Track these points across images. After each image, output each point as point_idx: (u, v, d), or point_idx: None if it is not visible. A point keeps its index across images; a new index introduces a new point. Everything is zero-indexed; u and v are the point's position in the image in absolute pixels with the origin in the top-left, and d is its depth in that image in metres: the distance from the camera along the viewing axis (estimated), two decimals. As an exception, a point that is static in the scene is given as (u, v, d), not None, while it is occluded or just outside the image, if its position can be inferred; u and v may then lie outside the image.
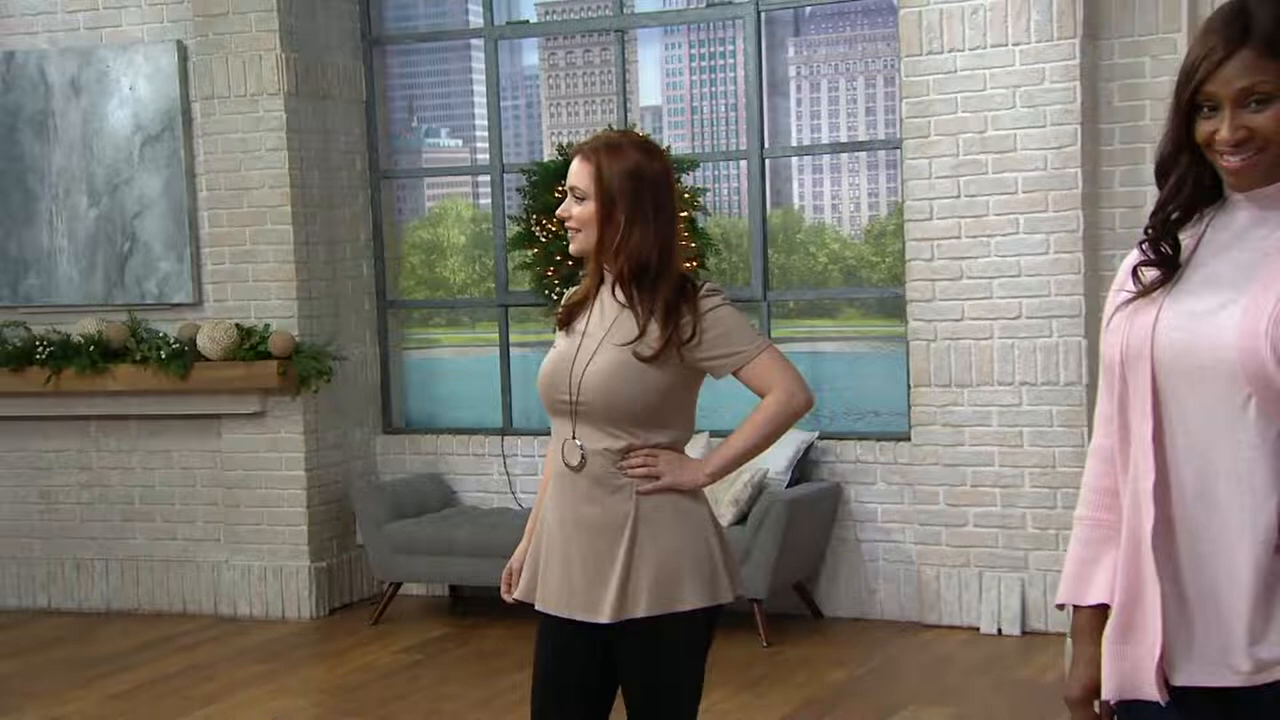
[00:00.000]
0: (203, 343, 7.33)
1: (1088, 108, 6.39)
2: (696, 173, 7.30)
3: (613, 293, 3.29)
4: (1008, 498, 6.61)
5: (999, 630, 6.65)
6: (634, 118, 7.62)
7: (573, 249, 3.33)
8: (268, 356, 7.28)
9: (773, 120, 7.40)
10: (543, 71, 8.14)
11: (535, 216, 7.04)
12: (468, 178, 8.34)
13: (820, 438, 7.07)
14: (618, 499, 3.24)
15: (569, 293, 3.46)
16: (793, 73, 7.55)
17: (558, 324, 3.40)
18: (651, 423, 3.25)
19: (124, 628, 7.48)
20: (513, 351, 7.78)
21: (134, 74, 7.59)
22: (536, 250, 7.08)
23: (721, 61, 7.69)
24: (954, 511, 6.72)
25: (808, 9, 7.48)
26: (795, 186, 7.66)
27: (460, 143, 8.44)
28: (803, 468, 6.99)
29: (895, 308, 7.09)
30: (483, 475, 7.76)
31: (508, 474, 7.64)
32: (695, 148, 7.67)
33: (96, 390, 7.55)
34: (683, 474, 3.26)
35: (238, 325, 7.36)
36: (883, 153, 7.29)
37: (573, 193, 3.28)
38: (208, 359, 7.34)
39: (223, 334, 7.31)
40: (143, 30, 7.64)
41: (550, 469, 3.39)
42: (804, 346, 7.53)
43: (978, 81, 6.51)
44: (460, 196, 8.41)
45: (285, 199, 7.38)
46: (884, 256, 7.34)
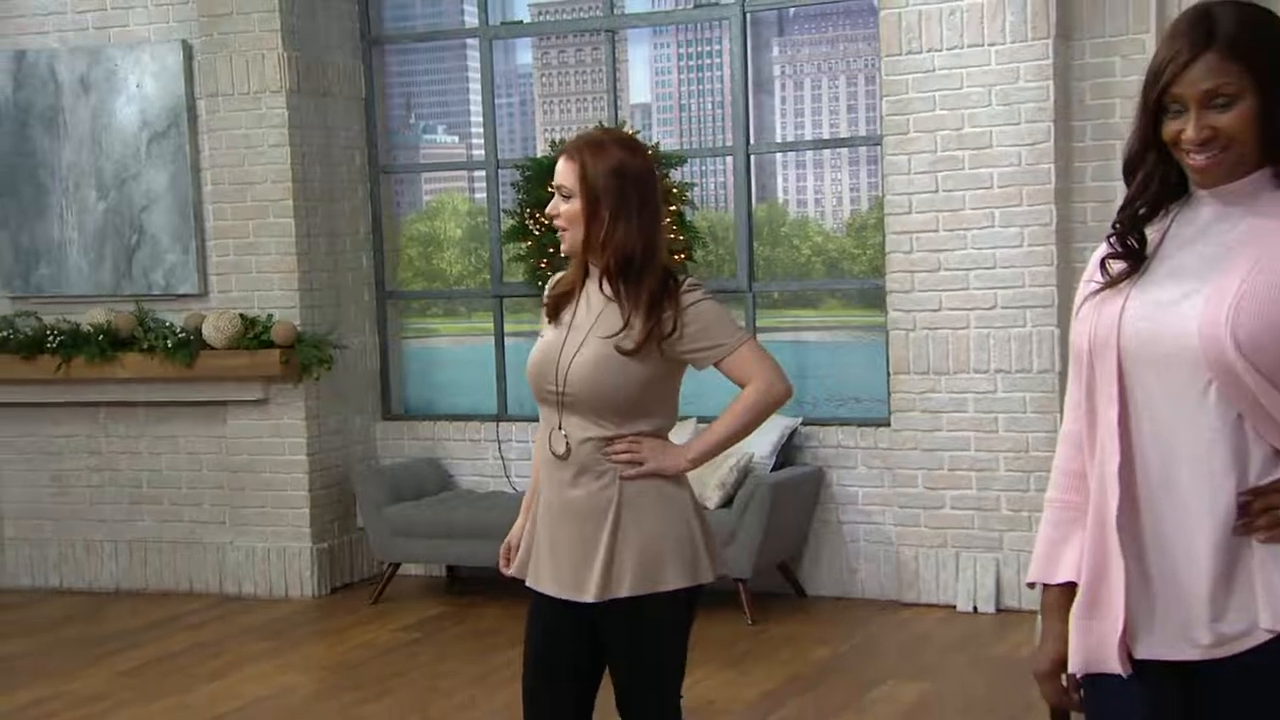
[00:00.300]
0: (208, 332, 7.33)
1: (1060, 106, 6.40)
2: (684, 168, 7.31)
3: (599, 286, 3.28)
4: (983, 481, 6.63)
5: (975, 608, 6.67)
6: (624, 115, 7.62)
7: (563, 248, 3.33)
8: (271, 345, 7.28)
9: (758, 117, 7.40)
10: (536, 70, 8.14)
11: (529, 210, 7.04)
12: (464, 173, 8.33)
13: (803, 423, 7.08)
14: (602, 485, 3.25)
15: (553, 280, 3.45)
16: (777, 72, 7.55)
17: (545, 314, 3.40)
18: (635, 412, 3.25)
19: (132, 607, 7.49)
20: (507, 341, 7.78)
21: (141, 72, 7.58)
22: (530, 243, 7.09)
23: (708, 61, 7.69)
24: (932, 494, 6.74)
25: (791, 10, 7.48)
26: (779, 181, 7.67)
27: (456, 139, 8.43)
28: (787, 452, 7.00)
29: (876, 298, 7.10)
30: (478, 460, 7.76)
31: (503, 458, 7.65)
32: (683, 144, 7.67)
33: (105, 378, 7.54)
34: (665, 460, 3.27)
35: (242, 315, 7.37)
36: (864, 149, 7.30)
37: (559, 191, 3.28)
38: (213, 348, 7.34)
39: (227, 324, 7.31)
40: (149, 30, 7.63)
41: (539, 450, 3.40)
42: (788, 336, 7.55)
43: (955, 80, 6.51)
44: (456, 191, 8.40)
45: (287, 193, 7.38)
46: (865, 249, 7.35)
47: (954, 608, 6.70)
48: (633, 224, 3.22)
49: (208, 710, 5.68)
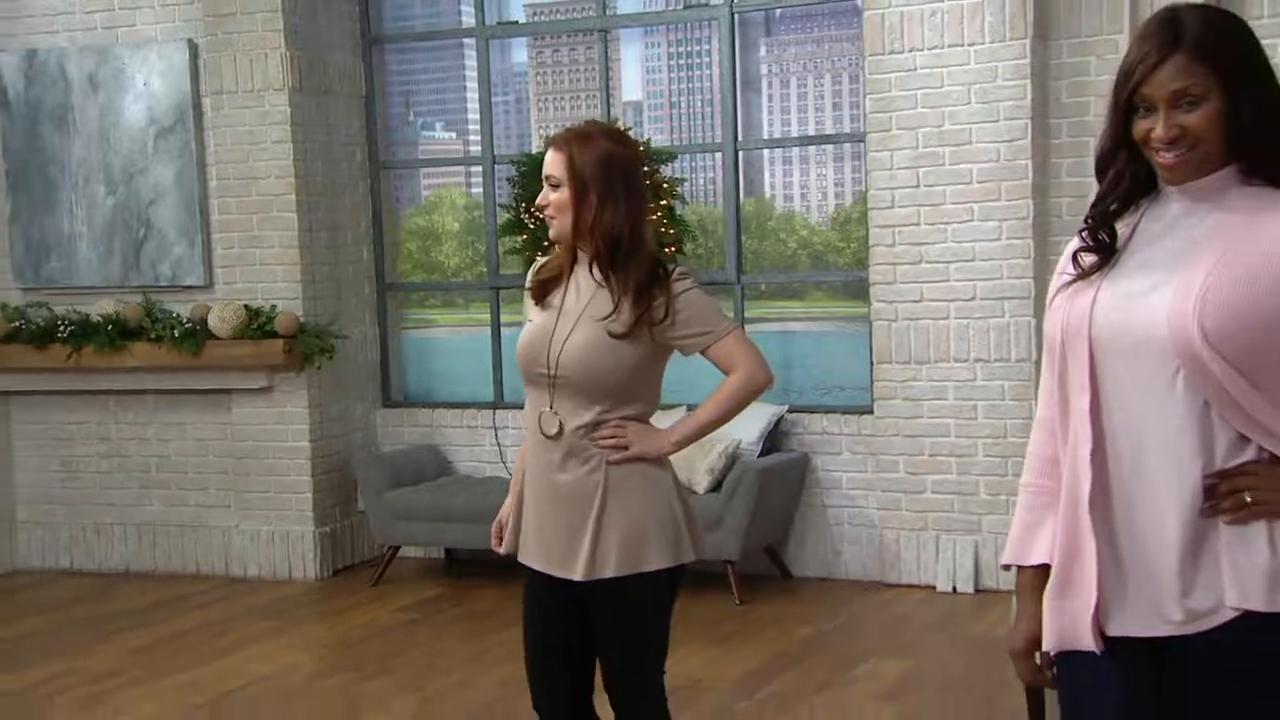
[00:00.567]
0: (213, 322, 7.33)
1: (1037, 104, 6.41)
2: (674, 164, 7.30)
3: (589, 271, 3.28)
4: (963, 466, 6.65)
5: (954, 589, 6.69)
6: (616, 112, 7.62)
7: (552, 235, 3.33)
8: (274, 335, 7.29)
9: (746, 115, 7.40)
10: (531, 69, 8.13)
11: (524, 205, 7.03)
12: (461, 168, 8.32)
13: (790, 411, 7.09)
14: (589, 469, 3.26)
15: (536, 266, 3.45)
16: (764, 70, 7.55)
17: (531, 297, 3.39)
18: (623, 395, 3.26)
19: (141, 587, 7.49)
20: (503, 331, 7.78)
21: (148, 70, 7.57)
22: (525, 236, 7.08)
23: (698, 60, 7.69)
24: (913, 479, 6.75)
25: (778, 11, 7.49)
26: (767, 177, 7.67)
27: (454, 135, 8.43)
28: (773, 439, 7.02)
29: (859, 290, 7.11)
30: (476, 446, 7.77)
31: (499, 445, 7.66)
32: (673, 140, 7.67)
33: (114, 366, 7.54)
34: (649, 443, 3.28)
35: (246, 306, 7.37)
36: (848, 145, 7.31)
37: (548, 181, 3.28)
38: (218, 337, 7.34)
39: (232, 314, 7.31)
40: (156, 29, 7.62)
41: (528, 432, 3.40)
42: (774, 326, 7.56)
43: (936, 79, 6.52)
44: (454, 186, 8.40)
45: (290, 188, 7.37)
46: (849, 242, 7.36)
47: (934, 588, 6.72)
48: (620, 210, 3.22)
49: (214, 687, 5.69)
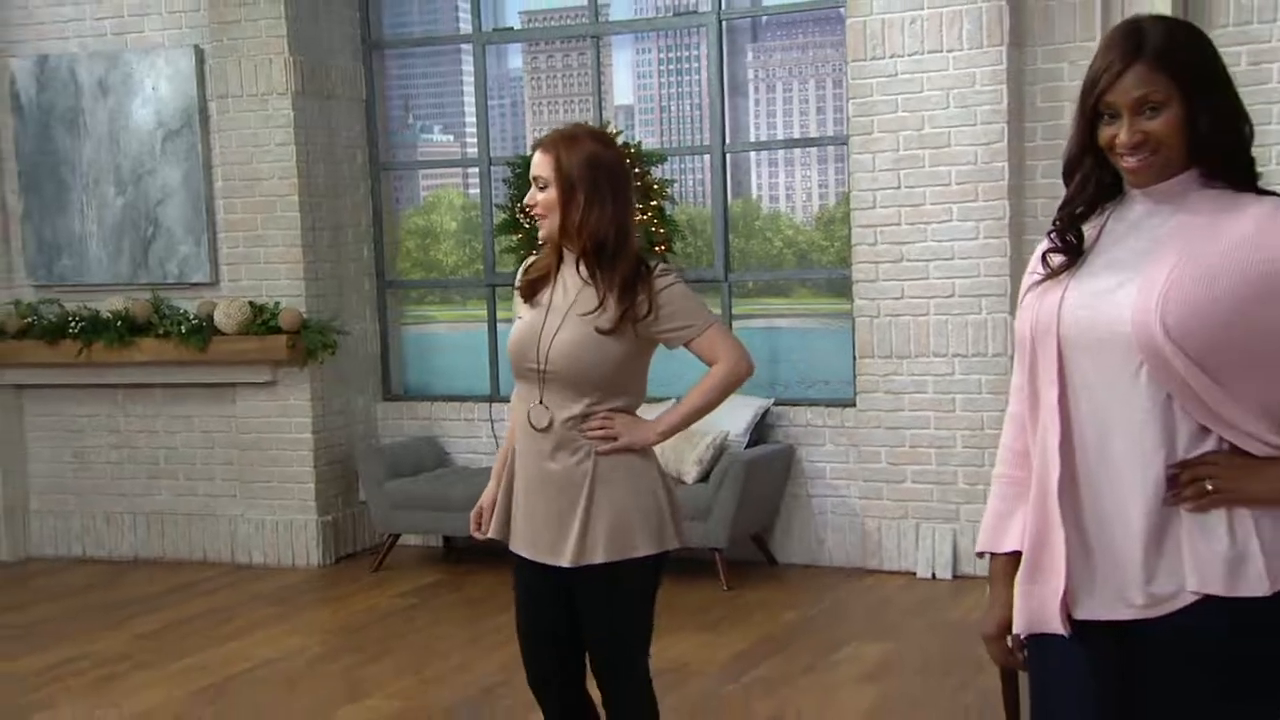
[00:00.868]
0: (219, 318, 7.34)
1: (1013, 109, 6.43)
2: (664, 166, 7.32)
3: (576, 269, 3.28)
4: (942, 457, 6.67)
5: (933, 575, 6.71)
6: (608, 116, 7.63)
7: (541, 235, 3.33)
8: (278, 331, 7.30)
9: (733, 118, 7.41)
10: (526, 73, 8.14)
11: (520, 205, 7.04)
12: (458, 170, 8.32)
13: (775, 404, 7.11)
14: (578, 459, 3.27)
15: (525, 265, 3.45)
16: (751, 75, 7.57)
17: (521, 296, 3.40)
18: (610, 388, 3.28)
19: (150, 575, 7.50)
20: (499, 327, 7.77)
21: (156, 75, 7.57)
22: (520, 235, 7.09)
23: (687, 65, 7.70)
24: (894, 470, 6.78)
25: (764, 18, 7.51)
26: (754, 178, 7.68)
27: (452, 138, 8.43)
28: (759, 431, 7.03)
29: (842, 287, 7.13)
30: (473, 438, 7.78)
31: (495, 437, 7.67)
32: (663, 143, 7.68)
33: (124, 361, 7.55)
34: (636, 434, 3.29)
35: (251, 303, 7.38)
36: (831, 148, 7.32)
37: (536, 182, 3.28)
38: (224, 333, 7.35)
39: (237, 310, 7.32)
40: (163, 35, 7.62)
41: (514, 425, 3.41)
42: (761, 323, 7.58)
43: (916, 84, 6.54)
44: (452, 187, 8.40)
45: (293, 189, 7.38)
46: (832, 241, 7.38)
47: (914, 574, 6.74)
48: (606, 211, 3.22)
49: (221, 670, 5.70)
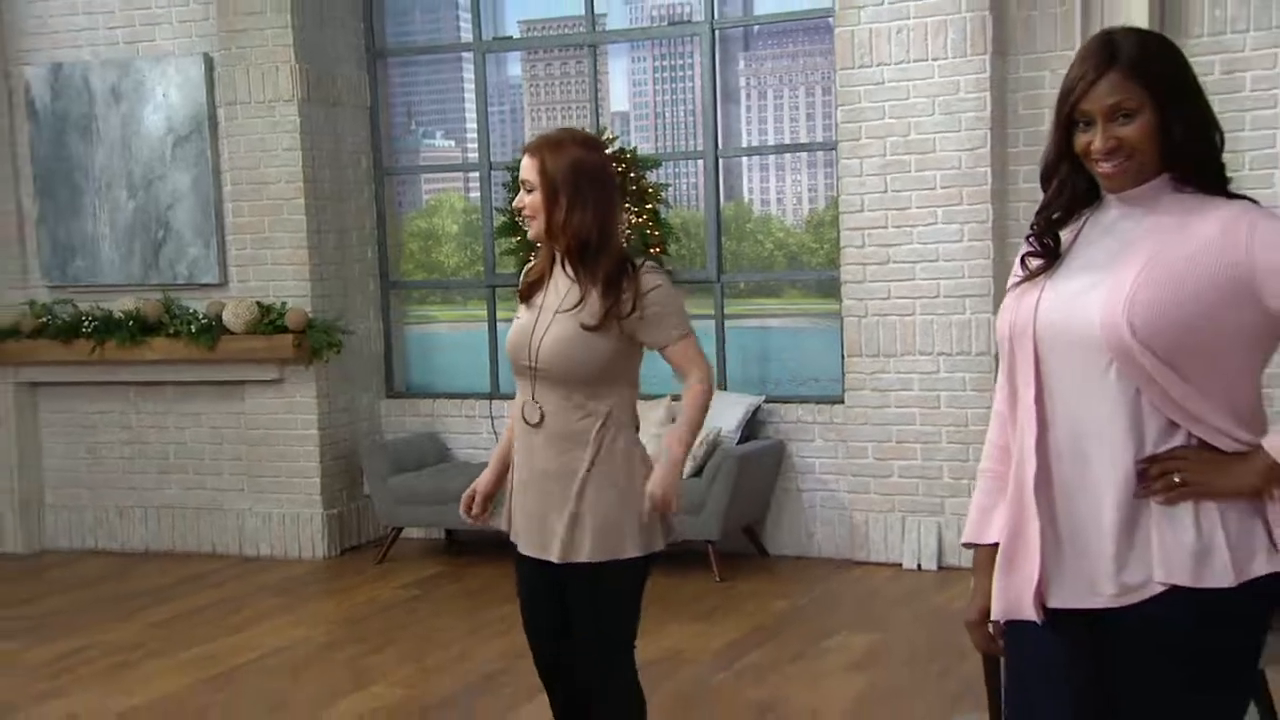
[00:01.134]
0: (228, 318, 7.34)
1: (996, 116, 6.44)
2: (659, 170, 7.32)
3: (564, 269, 3.30)
4: (927, 452, 6.68)
5: (919, 566, 6.72)
6: (605, 122, 7.64)
7: (530, 235, 3.34)
8: (285, 330, 7.30)
9: (725, 124, 7.42)
10: (525, 81, 8.14)
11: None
12: (459, 174, 8.32)
13: (766, 401, 7.12)
14: (570, 456, 3.27)
15: (526, 269, 3.46)
16: (743, 83, 7.57)
17: (519, 298, 3.41)
18: (601, 384, 3.26)
19: (161, 566, 7.50)
20: (499, 326, 7.77)
21: (166, 83, 7.58)
22: (519, 238, 7.11)
23: (681, 73, 7.71)
24: (881, 464, 6.78)
25: (756, 28, 7.51)
26: (745, 182, 7.68)
27: (453, 143, 8.43)
28: (751, 427, 7.04)
29: (831, 288, 7.14)
30: (473, 434, 7.79)
31: (495, 433, 7.67)
32: (658, 148, 7.68)
33: (135, 359, 7.55)
34: (669, 484, 3.23)
35: (258, 303, 7.38)
36: (821, 153, 7.31)
37: (523, 185, 3.28)
38: (232, 332, 7.35)
39: (245, 310, 7.32)
40: (174, 44, 7.62)
41: (514, 420, 3.42)
42: (752, 322, 7.58)
43: (902, 92, 6.55)
44: (453, 191, 8.40)
45: (299, 193, 7.39)
46: (822, 244, 7.38)
47: (900, 566, 6.75)
48: (588, 212, 3.22)
49: (229, 659, 5.70)
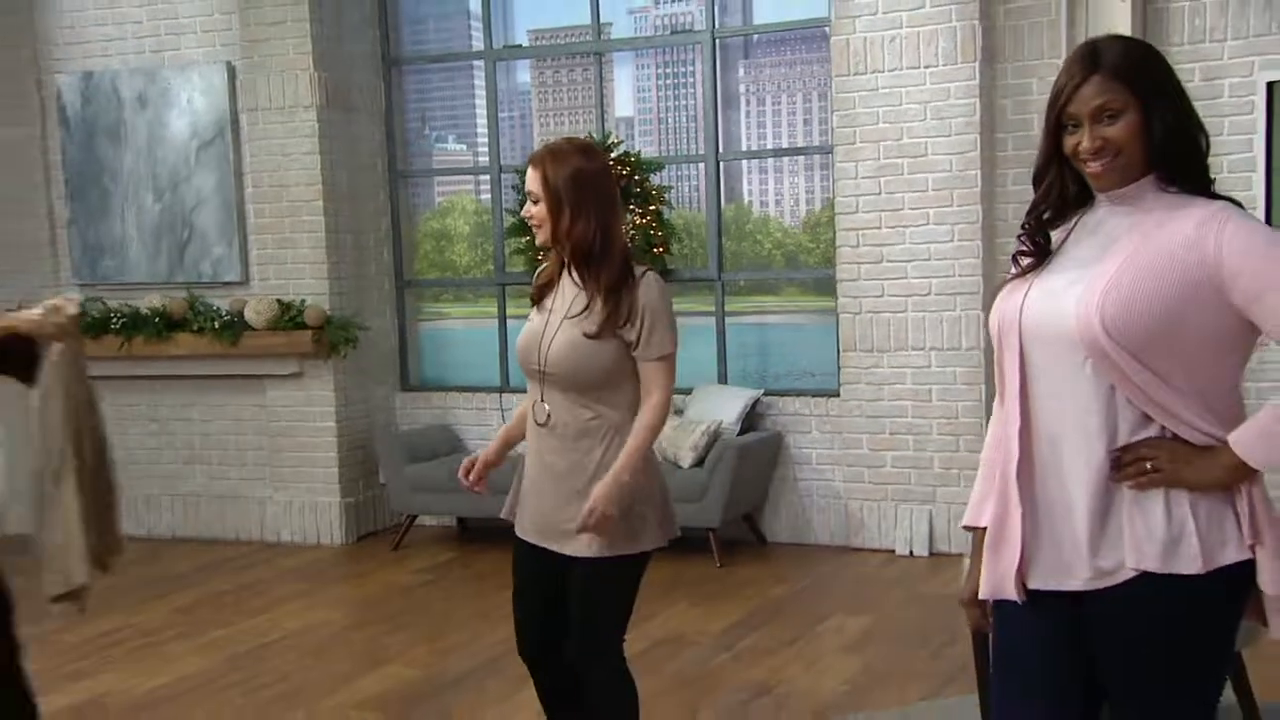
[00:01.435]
0: (250, 315, 7.36)
1: (986, 120, 6.46)
2: (662, 173, 7.34)
3: (570, 275, 3.28)
4: (919, 443, 6.70)
5: (911, 552, 6.74)
6: (610, 127, 7.65)
7: (538, 241, 3.33)
8: (304, 327, 7.32)
9: (726, 129, 7.43)
10: (534, 87, 8.15)
11: (528, 210, 7.06)
12: (471, 177, 8.33)
13: (765, 394, 7.13)
14: (578, 456, 3.26)
15: (537, 273, 3.45)
16: (743, 89, 7.58)
17: (531, 300, 3.40)
18: (607, 388, 3.24)
19: (186, 552, 7.52)
20: (509, 323, 7.79)
21: (191, 90, 7.60)
22: (528, 238, 7.12)
23: (683, 80, 7.72)
24: (874, 455, 6.80)
25: (755, 37, 7.52)
26: (745, 184, 7.69)
27: (465, 147, 8.44)
28: (750, 419, 7.05)
29: (827, 286, 7.14)
30: (484, 426, 7.80)
31: (505, 425, 7.66)
32: (661, 152, 7.69)
33: (161, 354, 7.57)
34: (611, 501, 3.17)
35: (279, 300, 7.40)
36: (817, 157, 7.32)
37: (529, 196, 3.27)
38: (254, 329, 7.37)
39: (266, 308, 7.34)
40: (198, 53, 7.64)
41: (524, 411, 3.43)
42: (752, 319, 7.58)
43: (895, 98, 6.56)
44: (465, 193, 8.41)
45: (318, 195, 7.40)
46: (818, 243, 7.39)
47: (893, 552, 6.77)
48: (590, 220, 3.19)
49: (252, 640, 5.73)
